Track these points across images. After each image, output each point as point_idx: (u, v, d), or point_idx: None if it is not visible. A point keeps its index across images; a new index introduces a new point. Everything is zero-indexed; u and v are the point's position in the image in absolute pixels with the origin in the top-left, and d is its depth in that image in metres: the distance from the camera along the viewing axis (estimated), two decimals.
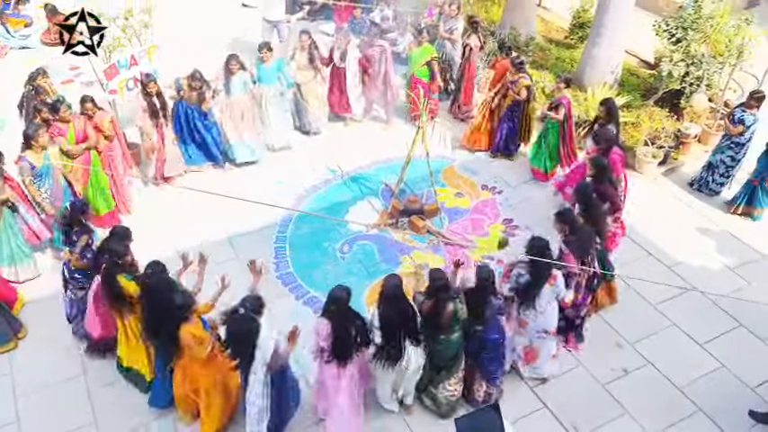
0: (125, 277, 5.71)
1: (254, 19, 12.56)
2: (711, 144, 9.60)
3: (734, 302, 7.14)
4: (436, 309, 5.56)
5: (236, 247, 8.02)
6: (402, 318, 5.53)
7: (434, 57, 9.89)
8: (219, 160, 9.31)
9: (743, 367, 6.72)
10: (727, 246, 8.31)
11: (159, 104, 8.42)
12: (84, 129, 7.73)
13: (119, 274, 5.70)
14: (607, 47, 10.56)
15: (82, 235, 6.29)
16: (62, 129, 7.65)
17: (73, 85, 10.86)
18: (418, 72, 9.90)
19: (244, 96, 9.08)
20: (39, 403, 6.23)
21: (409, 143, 8.12)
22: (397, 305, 5.52)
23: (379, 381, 5.97)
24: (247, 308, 5.23)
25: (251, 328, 5.16)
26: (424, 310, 5.64)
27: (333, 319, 5.45)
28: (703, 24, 9.78)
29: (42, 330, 6.90)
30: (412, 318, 5.59)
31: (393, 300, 5.51)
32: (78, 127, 7.72)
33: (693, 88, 10.02)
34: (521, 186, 9.22)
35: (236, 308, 5.28)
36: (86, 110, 7.78)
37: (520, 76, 9.07)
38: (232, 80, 8.93)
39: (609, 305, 7.17)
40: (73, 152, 7.58)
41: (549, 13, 14.25)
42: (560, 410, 6.26)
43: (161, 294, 5.38)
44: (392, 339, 5.53)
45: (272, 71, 9.23)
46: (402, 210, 8.43)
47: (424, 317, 5.64)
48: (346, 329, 5.47)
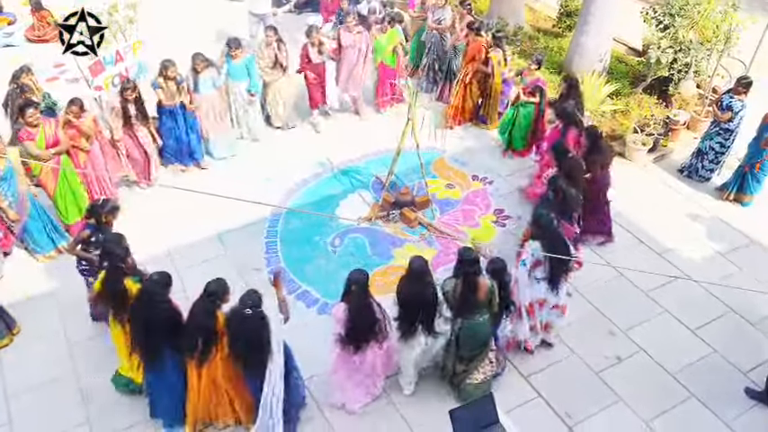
0: (131, 279, 5.58)
1: (240, 12, 12.47)
2: (700, 131, 9.63)
3: (725, 288, 7.17)
4: (471, 285, 5.57)
5: (225, 244, 7.97)
6: (422, 297, 5.61)
7: (400, 41, 10.05)
8: (202, 159, 9.24)
9: (735, 352, 6.76)
10: (718, 232, 8.35)
11: (135, 110, 8.19)
12: (54, 133, 7.37)
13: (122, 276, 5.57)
14: (595, 35, 10.56)
15: (86, 229, 6.25)
16: (31, 132, 7.22)
17: (58, 83, 10.77)
18: (387, 59, 10.00)
19: (213, 93, 8.93)
20: (31, 404, 6.18)
21: (399, 135, 8.09)
22: (420, 284, 5.60)
23: (403, 359, 6.02)
24: (250, 305, 5.13)
25: (262, 326, 5.14)
26: (458, 290, 5.63)
27: (351, 303, 5.47)
28: (691, 11, 9.79)
29: (33, 330, 6.85)
30: (432, 301, 5.66)
31: (417, 278, 5.59)
32: (48, 132, 7.31)
33: (682, 75, 10.05)
34: (511, 176, 9.21)
35: (239, 308, 5.16)
36: (72, 113, 7.52)
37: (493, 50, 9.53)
38: (199, 78, 8.74)
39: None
40: (42, 157, 7.22)
41: (536, 2, 14.23)
42: (554, 399, 6.28)
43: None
44: (409, 316, 5.63)
45: (240, 68, 9.06)
46: (393, 202, 8.41)
47: (458, 300, 5.63)
48: (363, 314, 5.50)
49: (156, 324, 5.30)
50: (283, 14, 13.60)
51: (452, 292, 5.67)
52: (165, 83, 8.45)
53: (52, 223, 7.60)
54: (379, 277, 7.34)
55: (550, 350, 6.70)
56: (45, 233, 7.56)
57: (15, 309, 6.92)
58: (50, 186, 7.55)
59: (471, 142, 9.92)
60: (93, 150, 7.93)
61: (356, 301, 5.48)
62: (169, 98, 8.52)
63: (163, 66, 8.41)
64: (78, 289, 7.29)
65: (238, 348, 5.23)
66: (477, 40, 9.70)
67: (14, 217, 7.14)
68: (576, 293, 7.31)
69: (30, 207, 7.33)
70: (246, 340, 5.16)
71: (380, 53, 10.07)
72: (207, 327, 5.27)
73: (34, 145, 7.24)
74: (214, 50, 9.30)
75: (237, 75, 9.11)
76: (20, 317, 6.88)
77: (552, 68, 11.13)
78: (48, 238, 7.59)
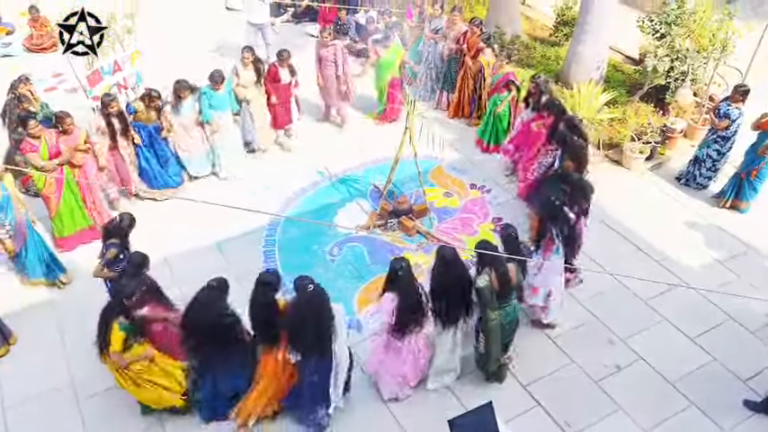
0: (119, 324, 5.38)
1: (238, 22, 12.49)
2: (697, 138, 9.64)
3: (723, 296, 7.17)
4: (505, 275, 5.77)
5: (224, 252, 7.96)
6: (457, 285, 5.77)
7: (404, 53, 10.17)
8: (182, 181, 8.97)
9: (734, 360, 6.75)
10: (716, 239, 8.35)
11: (119, 125, 8.06)
12: (56, 143, 7.37)
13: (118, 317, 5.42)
14: (592, 44, 10.60)
15: (111, 248, 6.15)
16: (34, 144, 7.23)
17: (56, 93, 10.78)
18: (397, 74, 10.02)
19: (192, 115, 8.67)
20: (28, 414, 6.15)
21: (397, 144, 8.09)
22: (453, 272, 5.77)
23: (438, 348, 6.13)
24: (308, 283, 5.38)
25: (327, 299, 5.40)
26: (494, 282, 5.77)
27: (400, 288, 5.65)
28: (687, 19, 9.83)
29: (30, 339, 6.83)
30: (468, 288, 5.83)
31: (450, 266, 5.75)
32: (50, 142, 7.33)
33: (678, 83, 10.08)
34: (509, 185, 9.21)
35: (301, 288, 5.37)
36: (65, 125, 7.44)
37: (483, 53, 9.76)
38: (182, 103, 8.54)
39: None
40: (47, 168, 7.23)
41: (533, 11, 14.29)
42: (554, 408, 6.26)
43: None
44: (444, 304, 5.79)
45: (223, 97, 8.87)
46: (391, 211, 8.41)
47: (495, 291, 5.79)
48: (413, 297, 5.68)
49: (218, 330, 5.43)
50: (281, 24, 13.66)
51: (489, 285, 5.77)
52: (146, 111, 8.31)
53: (51, 255, 7.40)
54: (377, 286, 7.31)
55: (549, 358, 6.69)
56: (41, 264, 7.31)
57: (12, 319, 6.90)
58: (54, 200, 7.47)
59: (469, 151, 9.93)
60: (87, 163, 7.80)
61: (405, 286, 5.65)
62: (144, 119, 8.36)
63: (147, 95, 8.30)
64: (75, 298, 7.31)
65: (307, 325, 5.34)
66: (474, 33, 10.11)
67: (11, 249, 6.99)
68: (574, 302, 7.31)
69: (27, 234, 7.13)
70: (316, 314, 5.33)
71: (389, 70, 10.04)
72: (269, 317, 5.47)
73: (38, 156, 7.19)
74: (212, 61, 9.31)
75: (221, 105, 8.86)
76: (17, 327, 6.86)
77: (549, 77, 11.14)
78: (44, 268, 7.35)
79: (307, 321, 5.33)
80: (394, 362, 6.04)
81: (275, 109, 9.57)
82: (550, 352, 6.80)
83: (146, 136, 8.38)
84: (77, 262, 7.75)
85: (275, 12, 13.51)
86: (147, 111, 8.31)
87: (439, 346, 6.11)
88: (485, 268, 5.80)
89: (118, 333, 5.32)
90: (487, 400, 5.29)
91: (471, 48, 10.18)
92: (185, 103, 8.54)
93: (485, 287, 5.74)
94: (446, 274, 5.77)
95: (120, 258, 6.17)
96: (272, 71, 9.34)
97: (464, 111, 10.66)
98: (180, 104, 8.53)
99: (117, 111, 8.00)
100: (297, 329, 5.38)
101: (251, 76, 9.16)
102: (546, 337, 6.94)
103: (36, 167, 7.14)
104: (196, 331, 5.46)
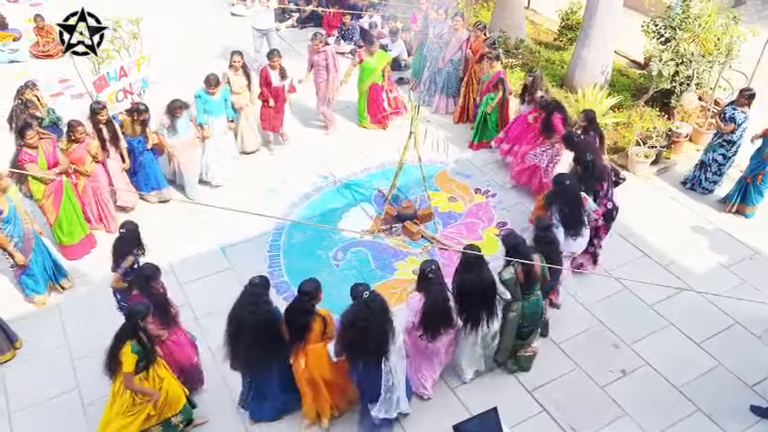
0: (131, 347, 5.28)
1: (243, 28, 12.54)
2: (703, 143, 9.62)
3: (729, 300, 7.13)
4: (529, 268, 5.92)
5: (229, 257, 7.97)
6: (481, 285, 5.80)
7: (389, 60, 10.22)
8: (166, 186, 8.83)
9: (740, 365, 6.72)
10: (722, 244, 8.32)
11: (108, 134, 7.95)
12: (54, 152, 7.29)
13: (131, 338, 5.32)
14: (596, 48, 10.59)
15: (128, 256, 6.09)
16: (32, 155, 7.10)
17: (62, 98, 10.83)
18: (377, 80, 10.06)
19: (191, 132, 8.54)
20: (33, 418, 6.16)
21: (401, 148, 8.10)
22: (478, 272, 5.81)
23: (461, 348, 6.24)
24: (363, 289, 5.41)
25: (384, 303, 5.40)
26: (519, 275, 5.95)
27: (429, 290, 5.70)
28: (692, 23, 9.82)
29: (36, 344, 6.84)
30: (491, 287, 5.88)
31: (474, 267, 5.81)
32: (48, 151, 7.24)
33: (684, 87, 10.06)
34: (514, 189, 9.20)
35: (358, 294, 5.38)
36: (77, 134, 7.44)
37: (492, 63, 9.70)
38: (178, 122, 8.34)
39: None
40: (47, 179, 7.17)
41: (537, 16, 14.30)
42: (559, 413, 6.24)
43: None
44: (468, 306, 5.84)
45: (219, 103, 8.76)
46: (396, 215, 8.41)
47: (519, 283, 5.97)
48: (441, 300, 5.72)
49: (263, 325, 5.45)
50: (286, 29, 13.72)
51: (514, 278, 5.93)
52: (132, 125, 8.22)
53: (54, 262, 7.36)
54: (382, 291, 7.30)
55: (555, 363, 6.68)
56: (45, 271, 7.24)
57: (18, 323, 6.92)
58: (52, 212, 7.39)
59: (474, 155, 9.93)
60: (97, 168, 7.87)
61: (434, 288, 5.70)
62: (130, 132, 8.28)
63: (135, 108, 8.18)
64: (81, 303, 7.32)
65: (364, 331, 5.29)
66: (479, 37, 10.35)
67: (21, 261, 6.91)
68: (580, 307, 7.30)
69: (34, 245, 7.06)
70: (375, 320, 5.30)
71: (371, 75, 10.05)
72: (304, 325, 5.51)
73: (37, 167, 7.11)
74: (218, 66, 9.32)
75: (216, 110, 8.77)
76: (23, 331, 6.88)
77: (554, 82, 11.15)
78: (46, 277, 7.29)
79: (367, 328, 5.29)
80: (414, 360, 6.12)
81: (265, 110, 9.54)
82: (556, 356, 6.78)
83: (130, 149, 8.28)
84: (81, 267, 7.79)
85: (280, 17, 13.57)
86: (133, 125, 8.21)
87: (463, 345, 6.22)
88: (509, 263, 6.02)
89: (130, 355, 5.27)
90: (493, 405, 5.27)
91: (476, 53, 10.19)
92: (181, 122, 8.36)
93: (509, 279, 5.93)
94: (470, 276, 5.83)
95: (134, 267, 6.12)
96: (263, 74, 9.32)
97: (469, 116, 10.67)
98: (176, 123, 8.33)
99: (106, 119, 7.90)
100: (356, 337, 5.33)
101: (242, 81, 9.12)
102: (551, 341, 6.91)
103: (36, 177, 7.07)
104: (243, 328, 5.44)
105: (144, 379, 5.41)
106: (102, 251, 7.86)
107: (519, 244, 6.01)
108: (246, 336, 5.44)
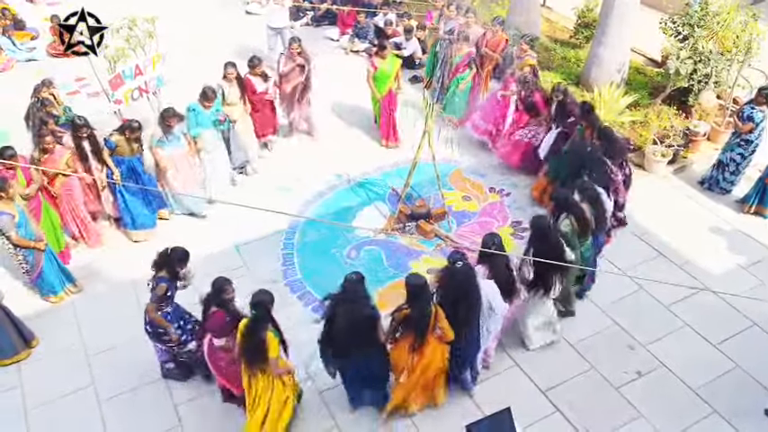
0: (273, 332, 5.34)
1: (258, 26, 12.58)
2: (721, 142, 9.51)
3: (747, 301, 7.03)
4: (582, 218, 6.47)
5: (243, 255, 8.00)
6: (553, 253, 5.97)
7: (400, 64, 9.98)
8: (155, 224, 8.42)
9: (758, 367, 6.62)
10: (739, 244, 8.21)
11: (90, 148, 7.72)
12: (27, 170, 7.21)
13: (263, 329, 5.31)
14: (613, 46, 10.50)
15: (161, 283, 5.80)
16: (11, 173, 7.02)
17: (79, 96, 10.92)
18: (394, 87, 9.69)
19: (183, 149, 8.26)
20: (49, 416, 6.21)
21: (415, 147, 8.07)
22: (548, 243, 6.09)
23: (528, 313, 6.54)
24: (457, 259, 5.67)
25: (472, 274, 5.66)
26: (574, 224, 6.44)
27: (491, 264, 5.97)
28: (710, 21, 9.70)
29: (52, 342, 6.90)
30: (561, 253, 6.11)
31: (545, 237, 6.14)
32: (24, 171, 7.18)
33: (701, 86, 9.94)
34: (528, 188, 9.14)
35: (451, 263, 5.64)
36: (45, 143, 7.32)
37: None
38: (172, 132, 8.07)
39: None
40: (30, 195, 7.15)
41: (553, 14, 14.21)
42: (574, 414, 6.19)
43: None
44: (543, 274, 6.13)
45: (210, 115, 8.47)
46: (409, 214, 8.39)
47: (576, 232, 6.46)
48: (501, 274, 5.96)
49: (363, 318, 5.56)
50: (301, 27, 13.73)
51: (570, 229, 6.42)
52: (127, 143, 7.91)
53: (60, 266, 7.36)
54: (395, 290, 7.29)
55: (569, 363, 6.66)
56: (56, 276, 7.29)
57: (34, 321, 6.98)
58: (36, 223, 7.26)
59: (488, 154, 9.87)
60: (71, 183, 7.69)
61: (497, 260, 5.96)
62: (127, 152, 8.00)
63: (128, 126, 7.88)
64: (96, 300, 7.37)
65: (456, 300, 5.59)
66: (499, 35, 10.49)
67: (43, 246, 6.98)
68: (594, 307, 7.24)
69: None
70: (462, 289, 5.58)
71: (387, 80, 9.57)
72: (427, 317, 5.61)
73: (18, 184, 7.02)
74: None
75: (207, 123, 8.46)
76: (39, 329, 6.93)
77: (570, 79, 11.08)
78: (62, 277, 7.35)
79: (457, 297, 5.59)
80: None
81: (257, 117, 9.38)
82: (570, 357, 6.74)
83: (126, 170, 7.99)
84: (94, 265, 7.85)
85: (295, 15, 13.59)
86: (128, 143, 7.91)
87: (534, 310, 6.52)
88: (562, 214, 6.49)
89: (274, 340, 5.33)
90: (506, 405, 5.24)
91: (495, 48, 10.14)
92: (175, 132, 8.12)
93: (568, 230, 6.40)
94: (542, 243, 6.09)
95: (168, 295, 5.86)
96: (246, 84, 9.07)
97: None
98: (170, 134, 8.05)
99: (88, 134, 7.68)
100: (448, 304, 5.62)
101: (236, 92, 8.90)
102: (565, 341, 6.87)
103: (21, 197, 7.00)
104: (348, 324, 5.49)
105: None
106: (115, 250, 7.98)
107: (569, 198, 6.53)
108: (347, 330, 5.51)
